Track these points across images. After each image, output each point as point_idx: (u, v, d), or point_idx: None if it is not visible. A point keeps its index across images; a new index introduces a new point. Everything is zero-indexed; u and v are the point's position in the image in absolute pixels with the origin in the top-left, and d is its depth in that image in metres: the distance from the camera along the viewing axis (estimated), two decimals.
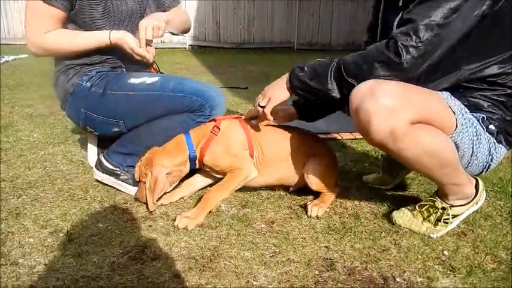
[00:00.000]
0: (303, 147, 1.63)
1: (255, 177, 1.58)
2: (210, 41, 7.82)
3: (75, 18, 1.61)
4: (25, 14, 1.57)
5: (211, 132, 1.57)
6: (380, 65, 1.21)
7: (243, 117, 1.65)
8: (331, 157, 1.70)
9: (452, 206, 1.40)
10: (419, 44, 1.16)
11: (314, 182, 1.59)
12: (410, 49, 1.17)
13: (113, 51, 1.68)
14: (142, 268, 1.24)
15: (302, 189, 1.72)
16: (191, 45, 7.74)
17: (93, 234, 1.41)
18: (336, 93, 1.29)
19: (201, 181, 1.69)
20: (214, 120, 1.62)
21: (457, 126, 1.26)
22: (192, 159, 1.57)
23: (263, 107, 1.45)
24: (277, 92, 1.42)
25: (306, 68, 1.34)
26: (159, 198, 1.58)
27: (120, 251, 1.31)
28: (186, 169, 1.60)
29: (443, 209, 1.40)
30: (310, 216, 1.53)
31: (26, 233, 1.41)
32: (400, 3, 1.34)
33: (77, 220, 1.50)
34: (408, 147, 1.21)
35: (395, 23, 1.33)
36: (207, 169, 1.60)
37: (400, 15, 1.32)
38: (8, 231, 1.41)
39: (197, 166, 1.60)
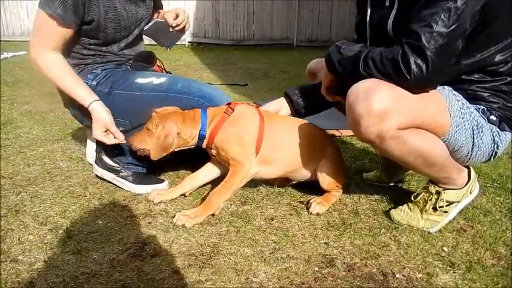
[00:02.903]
0: (316, 144, 1.62)
1: (264, 168, 1.55)
2: (210, 38, 7.80)
3: (88, 33, 1.61)
4: (34, 22, 1.55)
5: (224, 112, 1.54)
6: (393, 72, 1.20)
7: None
8: (341, 158, 1.70)
9: (445, 189, 1.42)
10: (428, 66, 1.16)
11: (326, 181, 1.59)
12: (419, 69, 1.17)
13: (116, 51, 1.71)
14: (142, 265, 1.24)
15: (301, 186, 1.72)
16: (190, 42, 7.72)
17: (93, 231, 1.41)
18: (351, 81, 1.29)
19: (203, 176, 1.67)
20: (229, 103, 1.60)
21: (451, 128, 1.28)
22: (200, 138, 1.54)
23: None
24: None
25: (341, 48, 1.34)
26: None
27: (120, 248, 1.31)
28: (192, 143, 1.56)
29: (438, 193, 1.41)
30: (311, 213, 1.53)
31: (26, 230, 1.41)
32: (387, 3, 1.34)
33: (76, 217, 1.50)
34: (394, 148, 1.26)
35: (390, 21, 1.32)
36: (213, 151, 1.56)
37: (393, 14, 1.31)
38: (8, 228, 1.41)
39: (204, 146, 1.56)
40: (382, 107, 1.19)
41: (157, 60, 1.89)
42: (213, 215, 1.51)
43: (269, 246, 1.35)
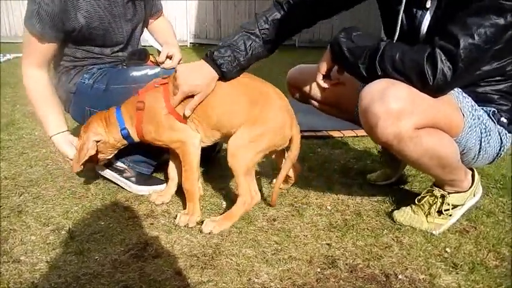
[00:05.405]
0: (235, 92, 1.50)
1: (203, 142, 1.51)
2: (211, 39, 7.80)
3: (75, 41, 1.63)
4: (22, 39, 1.59)
5: (137, 109, 1.50)
6: (413, 73, 1.17)
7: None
8: (275, 131, 1.46)
9: (449, 193, 1.42)
10: (454, 74, 1.13)
11: (231, 153, 1.44)
12: (444, 76, 1.14)
13: (108, 53, 1.73)
14: (144, 265, 1.24)
15: (304, 187, 1.71)
16: (192, 43, 7.72)
17: (95, 231, 1.41)
18: (362, 72, 1.27)
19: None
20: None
21: (464, 129, 1.27)
22: (126, 137, 1.54)
23: None
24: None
25: (353, 36, 1.30)
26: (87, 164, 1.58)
27: (122, 249, 1.32)
28: (122, 144, 1.58)
29: (443, 197, 1.41)
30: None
31: (28, 230, 1.41)
32: (428, 5, 1.29)
33: (78, 218, 1.50)
34: (411, 149, 1.23)
35: (426, 25, 1.30)
36: (151, 142, 1.55)
37: (430, 16, 1.29)
38: (10, 229, 1.42)
39: (138, 141, 1.56)
40: (399, 106, 1.16)
41: (151, 56, 1.91)
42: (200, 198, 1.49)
43: (271, 247, 1.34)
